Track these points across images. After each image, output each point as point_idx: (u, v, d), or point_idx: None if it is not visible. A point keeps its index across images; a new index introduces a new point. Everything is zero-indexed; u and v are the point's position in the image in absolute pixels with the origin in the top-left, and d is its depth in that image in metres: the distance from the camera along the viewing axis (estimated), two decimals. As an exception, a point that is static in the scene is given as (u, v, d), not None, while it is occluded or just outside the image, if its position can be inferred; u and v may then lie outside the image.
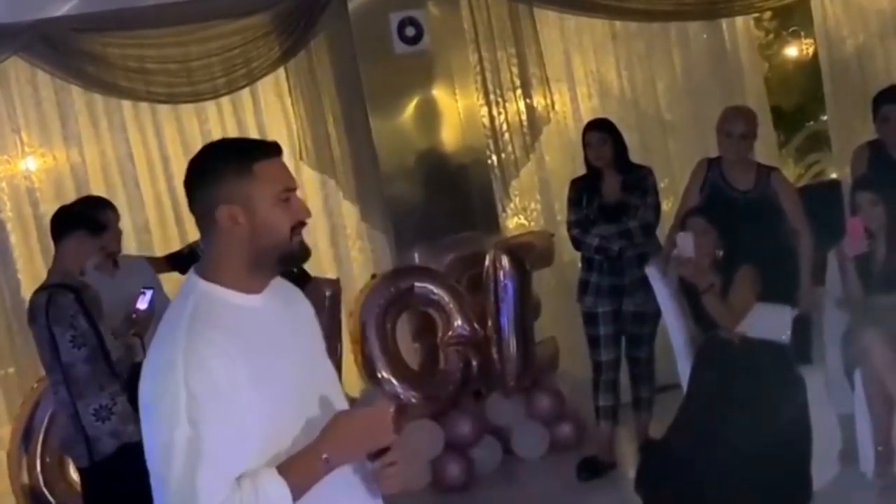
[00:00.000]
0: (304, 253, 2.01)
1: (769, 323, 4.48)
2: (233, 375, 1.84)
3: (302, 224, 1.99)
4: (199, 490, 1.80)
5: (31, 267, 5.42)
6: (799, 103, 8.20)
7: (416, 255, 5.96)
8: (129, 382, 3.90)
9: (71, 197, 5.23)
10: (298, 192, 2.04)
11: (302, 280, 3.38)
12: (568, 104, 6.50)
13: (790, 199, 4.89)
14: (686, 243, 4.52)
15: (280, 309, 2.03)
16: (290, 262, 2.03)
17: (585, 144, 5.16)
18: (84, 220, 4.12)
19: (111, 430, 3.91)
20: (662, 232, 5.29)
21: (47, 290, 3.97)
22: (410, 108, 6.01)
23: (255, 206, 1.93)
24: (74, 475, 5.07)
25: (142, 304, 4.25)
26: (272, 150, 2.00)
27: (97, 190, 5.27)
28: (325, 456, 1.90)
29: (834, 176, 7.13)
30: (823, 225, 4.93)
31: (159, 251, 5.45)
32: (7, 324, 5.41)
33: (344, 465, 1.96)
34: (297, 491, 1.87)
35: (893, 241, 4.56)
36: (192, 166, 2.00)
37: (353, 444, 1.95)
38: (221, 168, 1.95)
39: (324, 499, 1.94)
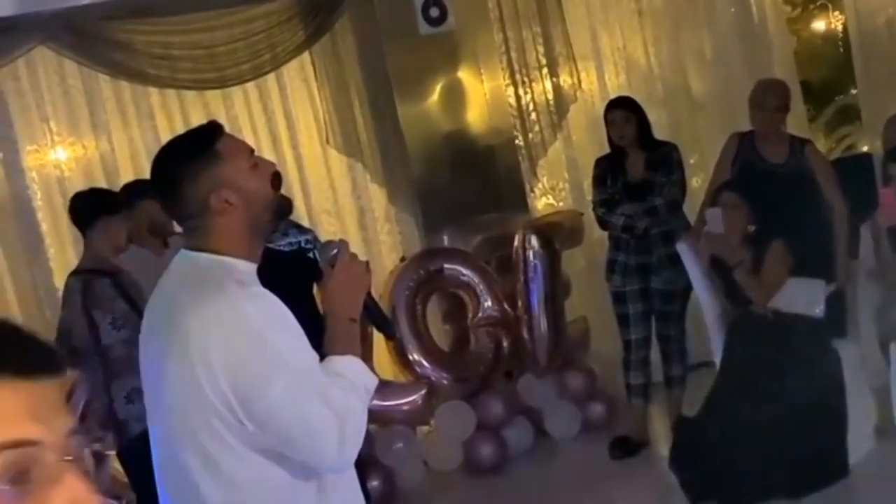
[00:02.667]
0: (285, 201, 2.21)
1: (802, 297, 4.44)
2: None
3: (276, 176, 2.19)
4: (316, 415, 1.93)
5: (63, 255, 5.45)
6: (828, 77, 8.11)
7: (445, 237, 5.95)
8: None
9: (100, 184, 5.25)
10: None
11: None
12: (595, 82, 6.45)
13: (824, 172, 4.84)
14: (716, 219, 4.49)
15: None
16: (279, 214, 2.24)
17: (608, 123, 5.12)
18: (105, 204, 4.15)
19: (139, 413, 3.98)
20: (691, 208, 5.25)
21: (81, 276, 4.03)
22: (436, 89, 5.98)
23: (237, 182, 2.04)
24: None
25: None
26: (219, 127, 2.10)
27: (126, 177, 5.29)
28: (347, 317, 2.10)
29: (865, 149, 7.05)
30: (856, 198, 4.88)
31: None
32: (41, 312, 5.45)
33: (359, 311, 2.14)
34: (354, 353, 2.08)
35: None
36: (159, 176, 2.09)
37: (352, 292, 2.13)
38: (192, 163, 2.04)
39: None
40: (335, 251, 2.16)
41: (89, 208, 4.14)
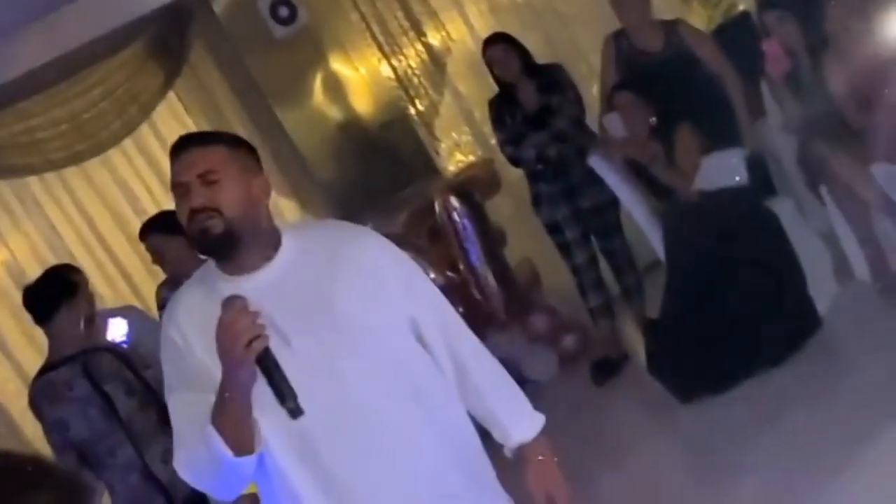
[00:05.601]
0: (204, 238, 2.04)
1: (722, 171, 4.43)
2: (188, 350, 2.05)
3: (195, 211, 2.02)
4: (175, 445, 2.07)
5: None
6: (686, -53, 8.06)
7: (370, 226, 5.85)
8: None
9: (11, 292, 5.10)
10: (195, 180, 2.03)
11: None
12: (464, 29, 6.38)
13: (704, 45, 4.82)
14: (615, 123, 4.48)
15: (288, 282, 2.06)
16: (200, 248, 2.10)
17: (489, 63, 5.08)
18: (65, 288, 3.93)
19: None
20: (594, 119, 5.20)
21: (76, 361, 3.82)
22: (313, 86, 5.89)
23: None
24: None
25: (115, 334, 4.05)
26: (174, 149, 2.11)
27: (34, 275, 5.10)
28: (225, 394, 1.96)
29: (742, 7, 7.03)
30: (750, 57, 4.85)
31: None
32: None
33: (240, 385, 1.93)
34: (229, 431, 1.95)
35: (812, 50, 4.47)
36: None
37: (224, 359, 1.94)
38: None
39: None
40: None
41: (47, 298, 3.90)
